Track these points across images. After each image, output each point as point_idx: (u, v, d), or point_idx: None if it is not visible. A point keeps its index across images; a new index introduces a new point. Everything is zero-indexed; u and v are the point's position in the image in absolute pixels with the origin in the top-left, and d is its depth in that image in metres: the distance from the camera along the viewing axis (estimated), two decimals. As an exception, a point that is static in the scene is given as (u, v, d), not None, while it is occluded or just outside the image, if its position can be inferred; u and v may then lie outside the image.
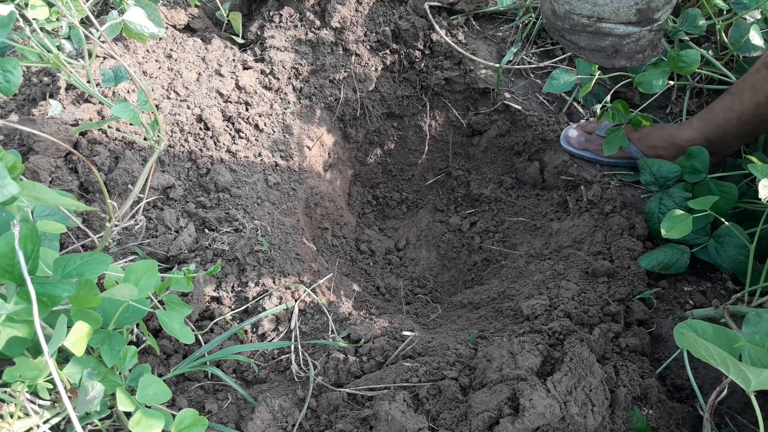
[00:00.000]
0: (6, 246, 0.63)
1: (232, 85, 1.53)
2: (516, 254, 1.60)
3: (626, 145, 1.48)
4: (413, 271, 1.71)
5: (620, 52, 1.09)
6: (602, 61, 1.14)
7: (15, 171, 0.69)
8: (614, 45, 1.08)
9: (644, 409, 1.06)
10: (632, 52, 1.09)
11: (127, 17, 1.05)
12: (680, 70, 1.41)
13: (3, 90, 0.89)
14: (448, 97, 1.81)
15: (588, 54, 1.12)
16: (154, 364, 1.07)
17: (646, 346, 1.18)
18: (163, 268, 1.20)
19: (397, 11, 1.73)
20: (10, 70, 0.89)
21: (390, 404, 0.94)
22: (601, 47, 1.09)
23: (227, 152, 1.42)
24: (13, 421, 0.69)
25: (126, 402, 0.75)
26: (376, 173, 1.91)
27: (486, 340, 1.16)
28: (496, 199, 1.79)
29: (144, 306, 0.81)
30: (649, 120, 1.51)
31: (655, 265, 1.29)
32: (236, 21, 1.63)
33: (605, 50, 1.10)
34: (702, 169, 1.34)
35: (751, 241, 1.15)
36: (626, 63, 1.13)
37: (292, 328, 1.15)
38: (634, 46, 1.08)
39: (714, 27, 1.59)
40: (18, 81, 0.90)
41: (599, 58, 1.13)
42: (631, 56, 1.10)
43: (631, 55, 1.10)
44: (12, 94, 0.88)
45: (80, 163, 1.26)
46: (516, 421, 0.88)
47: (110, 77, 1.08)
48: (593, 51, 1.11)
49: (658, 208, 1.36)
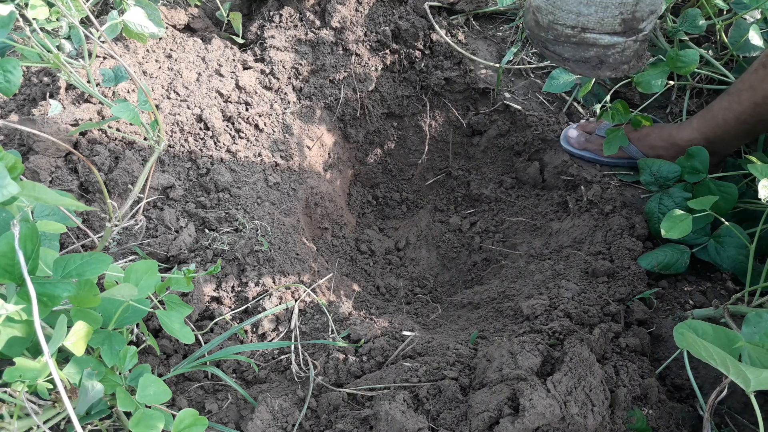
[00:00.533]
0: (6, 246, 0.63)
1: (232, 85, 1.53)
2: (516, 254, 1.60)
3: (626, 145, 1.48)
4: (413, 271, 1.71)
5: (605, 63, 1.09)
6: (587, 72, 1.13)
7: (15, 171, 0.69)
8: (599, 55, 1.07)
9: (644, 409, 1.06)
10: (617, 63, 1.09)
11: (127, 17, 1.05)
12: (679, 69, 1.41)
13: (3, 90, 0.89)
14: (448, 97, 1.81)
15: (572, 65, 1.12)
16: (154, 364, 1.07)
17: (646, 346, 1.18)
18: (163, 268, 1.20)
19: (397, 11, 1.73)
20: (10, 70, 0.89)
21: (390, 404, 0.94)
22: (586, 58, 1.09)
23: (227, 152, 1.42)
24: (13, 421, 0.69)
25: (126, 402, 0.75)
26: (376, 173, 1.91)
27: (486, 340, 1.16)
28: (496, 199, 1.79)
29: (144, 306, 0.81)
30: (648, 120, 1.51)
31: (655, 265, 1.29)
32: (236, 21, 1.63)
33: (590, 61, 1.09)
34: (702, 169, 1.34)
35: (751, 241, 1.15)
36: (611, 74, 1.12)
37: (292, 328, 1.15)
38: (620, 56, 1.07)
39: (713, 27, 1.59)
40: (18, 81, 0.90)
41: (584, 69, 1.12)
42: (616, 67, 1.10)
43: (617, 65, 1.09)
44: (12, 94, 0.88)
45: (80, 163, 1.26)
46: (516, 421, 0.88)
47: (110, 77, 1.08)
48: (578, 62, 1.10)
49: (658, 208, 1.36)
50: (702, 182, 1.34)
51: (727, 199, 1.29)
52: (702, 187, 1.33)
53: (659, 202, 1.37)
